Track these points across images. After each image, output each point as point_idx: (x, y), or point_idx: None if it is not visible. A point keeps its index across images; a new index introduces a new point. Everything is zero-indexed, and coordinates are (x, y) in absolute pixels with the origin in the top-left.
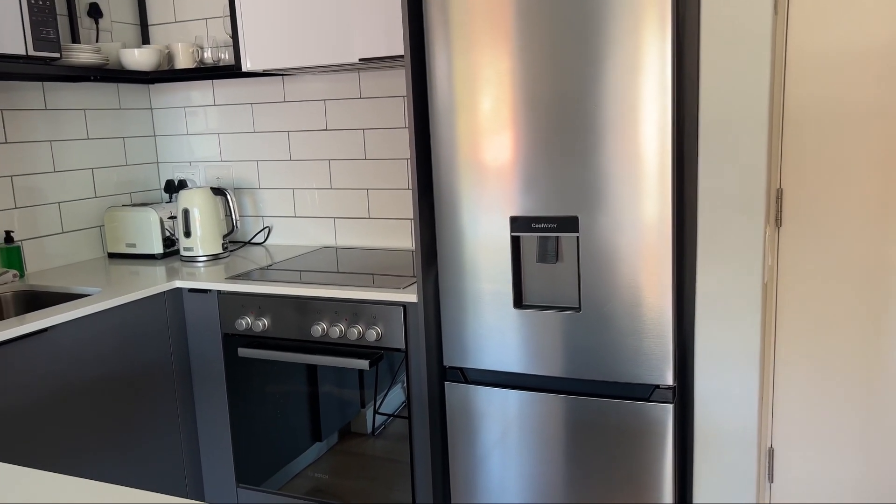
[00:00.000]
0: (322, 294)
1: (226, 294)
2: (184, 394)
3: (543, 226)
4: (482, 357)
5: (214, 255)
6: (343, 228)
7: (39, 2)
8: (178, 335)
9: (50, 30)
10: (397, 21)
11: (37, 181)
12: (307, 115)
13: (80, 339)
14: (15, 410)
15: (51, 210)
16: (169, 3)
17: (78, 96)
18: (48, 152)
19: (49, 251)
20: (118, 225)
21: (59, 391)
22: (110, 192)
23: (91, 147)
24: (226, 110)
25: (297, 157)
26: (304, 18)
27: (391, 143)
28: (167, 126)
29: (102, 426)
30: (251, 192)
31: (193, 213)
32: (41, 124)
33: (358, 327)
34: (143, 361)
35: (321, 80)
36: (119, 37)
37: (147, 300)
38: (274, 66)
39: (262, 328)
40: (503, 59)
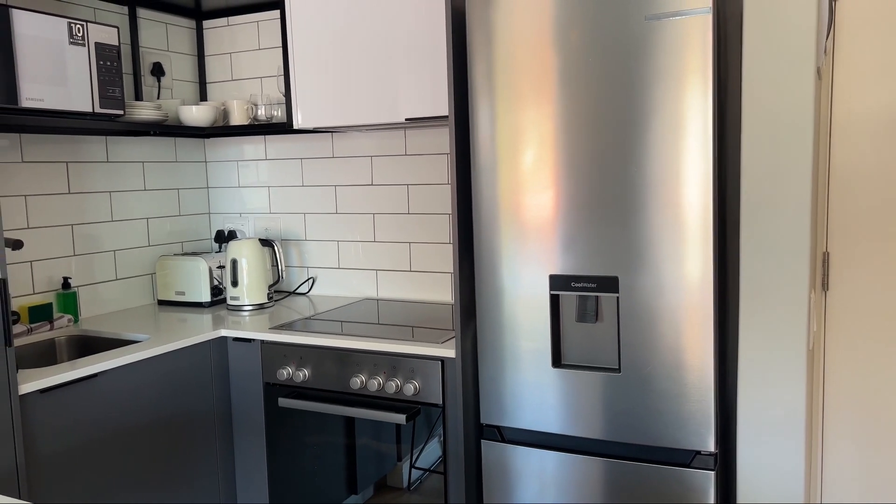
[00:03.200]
0: (362, 346)
1: (269, 344)
2: (224, 441)
3: (583, 285)
4: (520, 416)
5: (260, 305)
6: (385, 281)
7: (108, 63)
8: (222, 383)
9: (116, 88)
10: (441, 83)
11: (95, 230)
12: (354, 171)
13: (128, 384)
14: (63, 452)
15: (106, 258)
16: (226, 62)
17: (137, 149)
18: (107, 202)
19: (103, 297)
20: (169, 273)
21: (106, 435)
22: (163, 241)
23: (147, 198)
24: (276, 164)
25: (343, 210)
26: (353, 80)
27: (434, 198)
28: (220, 178)
29: (145, 470)
30: (297, 243)
31: (241, 263)
32: (102, 176)
33: (396, 381)
34: (187, 408)
35: (368, 137)
36: (179, 94)
37: (193, 348)
38: (324, 124)
39: (302, 378)
40: (545, 119)
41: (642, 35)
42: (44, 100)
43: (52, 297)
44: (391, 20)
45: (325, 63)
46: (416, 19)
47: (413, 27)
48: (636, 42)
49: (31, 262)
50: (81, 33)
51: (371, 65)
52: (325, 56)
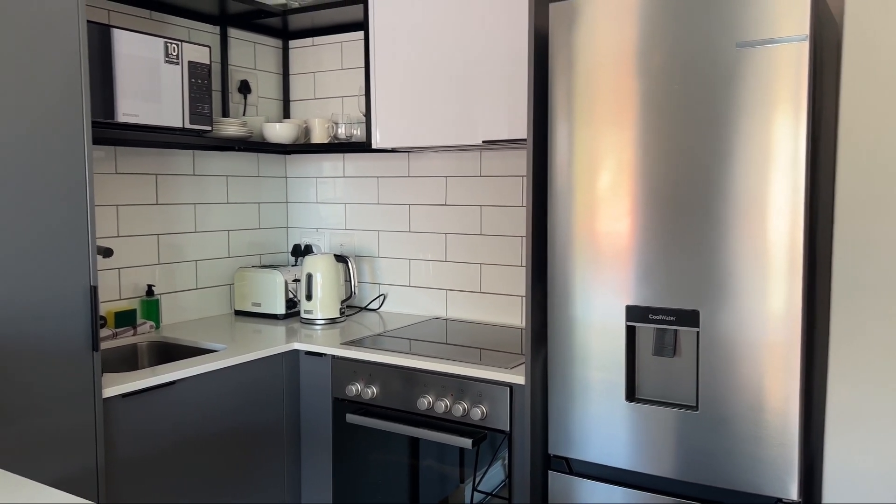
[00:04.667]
0: (430, 367)
1: (339, 359)
2: (292, 454)
3: (661, 317)
4: (589, 448)
5: (332, 319)
6: (454, 300)
7: (199, 80)
8: (292, 395)
9: (205, 105)
10: (518, 106)
11: (179, 240)
12: (428, 190)
13: (204, 392)
14: (140, 456)
15: (188, 267)
16: (310, 81)
17: (222, 164)
18: (192, 214)
19: (183, 305)
20: (246, 284)
21: (181, 441)
22: (242, 253)
23: (229, 210)
24: (353, 182)
25: (416, 229)
26: (432, 101)
27: (507, 220)
28: (299, 193)
29: (216, 477)
30: (370, 259)
31: (316, 277)
32: (188, 188)
33: (463, 404)
34: (259, 418)
35: (444, 157)
36: (264, 111)
37: (267, 360)
38: (402, 144)
39: (370, 396)
40: (625, 144)
41: (732, 62)
42: (138, 115)
43: (137, 303)
44: (471, 44)
45: (405, 84)
46: (496, 43)
47: (492, 51)
48: (725, 69)
49: (120, 269)
50: (176, 52)
51: (450, 87)
52: (405, 77)
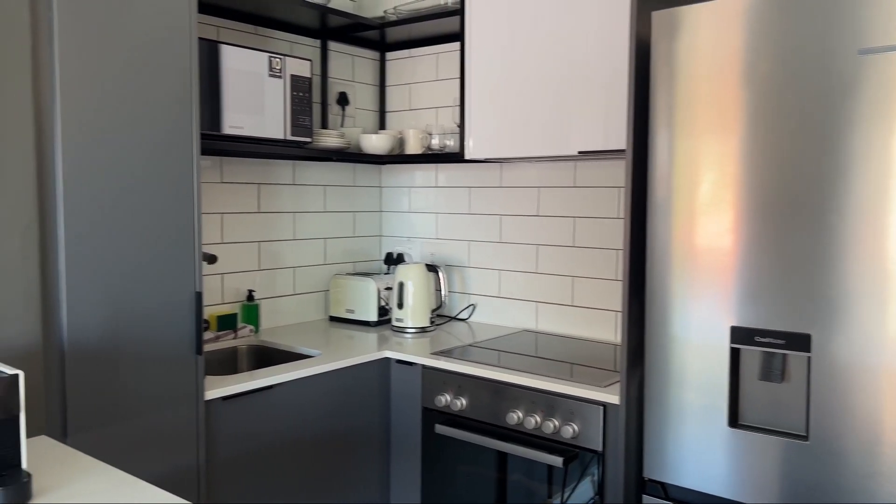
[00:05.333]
0: (520, 382)
1: (429, 369)
2: (382, 461)
3: (769, 340)
4: (686, 474)
5: (422, 328)
6: (545, 313)
7: (300, 93)
8: (383, 403)
9: (306, 117)
10: (615, 116)
11: (279, 247)
12: (520, 201)
13: (299, 397)
14: (237, 457)
15: (286, 273)
16: (406, 92)
17: (320, 173)
18: (291, 222)
19: (281, 310)
20: (341, 291)
21: (276, 444)
22: (337, 261)
23: (326, 219)
24: (445, 192)
25: (507, 239)
26: (526, 112)
27: (601, 232)
28: (392, 203)
29: (308, 481)
30: (460, 269)
31: (408, 286)
32: (288, 197)
33: (554, 421)
34: (350, 424)
35: (537, 168)
36: (361, 122)
37: (359, 367)
38: (495, 155)
39: (459, 407)
40: (730, 156)
41: (852, 70)
42: (243, 127)
43: (238, 307)
44: (567, 53)
45: (499, 95)
46: (593, 52)
47: (589, 60)
48: (844, 77)
49: (223, 274)
50: (279, 66)
51: (545, 97)
52: (500, 88)
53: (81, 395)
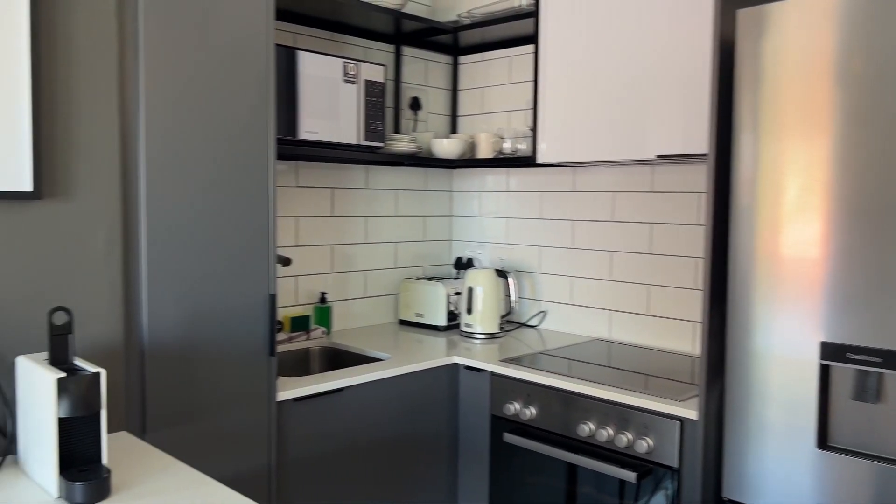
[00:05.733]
0: (592, 393)
1: (498, 376)
2: (450, 467)
3: (863, 358)
4: (768, 495)
5: (491, 334)
6: (619, 322)
7: (374, 98)
8: (451, 409)
9: (379, 122)
10: (695, 118)
11: (350, 250)
12: (594, 206)
13: (369, 400)
14: (308, 458)
15: (358, 276)
16: (478, 96)
17: (392, 178)
18: (363, 226)
19: (352, 312)
20: (411, 295)
21: (346, 446)
22: (407, 264)
23: (397, 223)
24: (516, 196)
25: (579, 245)
26: (601, 115)
27: (680, 239)
28: (462, 207)
29: (377, 484)
30: (530, 275)
31: (477, 291)
32: (361, 201)
33: (627, 435)
34: (419, 429)
35: (612, 171)
36: (433, 126)
37: (428, 371)
38: (568, 159)
39: (529, 416)
40: (819, 160)
41: None
42: (318, 132)
43: (311, 309)
44: (645, 55)
45: (574, 98)
46: (672, 53)
47: (668, 61)
48: None
49: (297, 276)
50: (354, 72)
51: (620, 100)
52: (574, 91)
53: (160, 393)
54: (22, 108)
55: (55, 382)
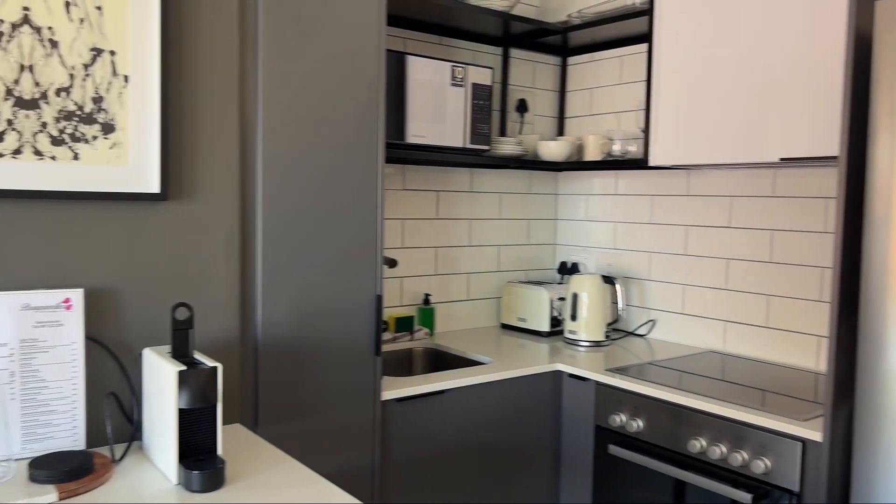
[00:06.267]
0: (704, 408)
1: (603, 386)
2: (552, 475)
3: None
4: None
5: (596, 342)
6: (735, 334)
7: (480, 102)
8: (554, 417)
9: (485, 125)
10: (824, 119)
11: (454, 253)
12: (709, 211)
13: (470, 403)
14: (409, 459)
15: (461, 279)
16: (586, 97)
17: (496, 181)
18: (467, 228)
19: (455, 315)
20: (513, 299)
21: (446, 448)
22: (510, 268)
23: (500, 226)
24: (625, 200)
25: (693, 252)
26: (718, 115)
27: (804, 247)
28: (568, 211)
29: (477, 488)
30: (639, 282)
31: (582, 297)
32: (465, 204)
33: (742, 454)
34: (519, 435)
35: (729, 175)
36: (539, 128)
37: (530, 378)
38: (682, 161)
39: (635, 429)
40: None
41: None
42: (425, 136)
43: (415, 310)
44: (768, 51)
45: (689, 97)
46: (798, 49)
47: (793, 58)
48: None
49: (402, 277)
50: (461, 75)
51: (741, 100)
52: (690, 90)
53: (271, 388)
54: (152, 116)
55: (176, 375)
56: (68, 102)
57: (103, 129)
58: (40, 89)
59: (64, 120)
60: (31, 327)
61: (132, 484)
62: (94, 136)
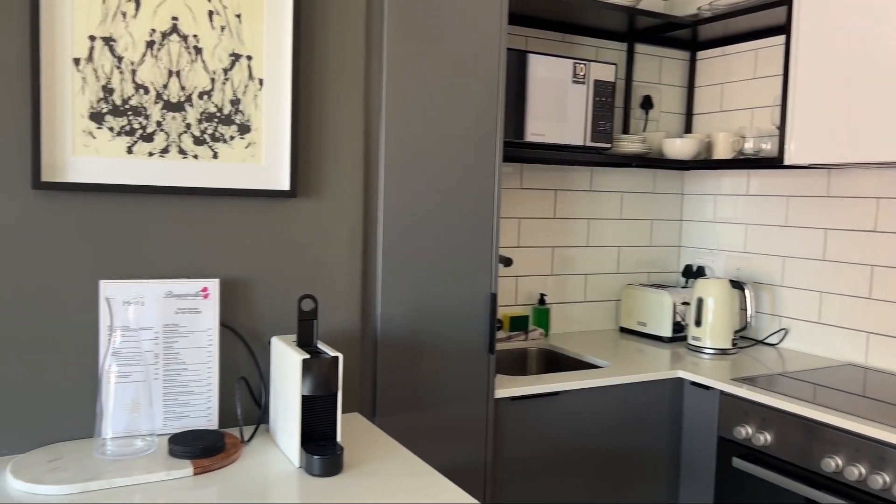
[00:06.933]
0: (842, 425)
1: (729, 396)
2: (670, 485)
3: None
4: None
5: (722, 350)
6: (879, 347)
7: (602, 99)
8: (673, 425)
9: (606, 123)
10: None
11: (571, 253)
12: (852, 213)
13: (584, 406)
14: (520, 458)
15: (577, 280)
16: (716, 93)
17: (618, 180)
18: (585, 229)
19: (570, 315)
20: (633, 302)
21: (558, 450)
22: (631, 270)
23: (621, 226)
24: (757, 201)
25: (833, 257)
26: (864, 111)
27: None
28: (694, 212)
29: (589, 493)
30: (771, 288)
31: (707, 302)
32: (584, 204)
33: (884, 476)
34: (636, 442)
35: (876, 175)
36: (664, 126)
37: (649, 384)
38: (824, 160)
39: (763, 442)
40: None
41: None
42: (544, 134)
43: (530, 310)
44: None
45: (832, 91)
46: None
47: None
48: None
49: (517, 277)
50: (583, 72)
51: (890, 94)
52: (833, 84)
53: (388, 380)
54: (284, 118)
55: (300, 363)
56: (209, 105)
57: (240, 129)
58: (185, 93)
59: (205, 121)
60: (173, 313)
61: (258, 464)
62: (232, 136)
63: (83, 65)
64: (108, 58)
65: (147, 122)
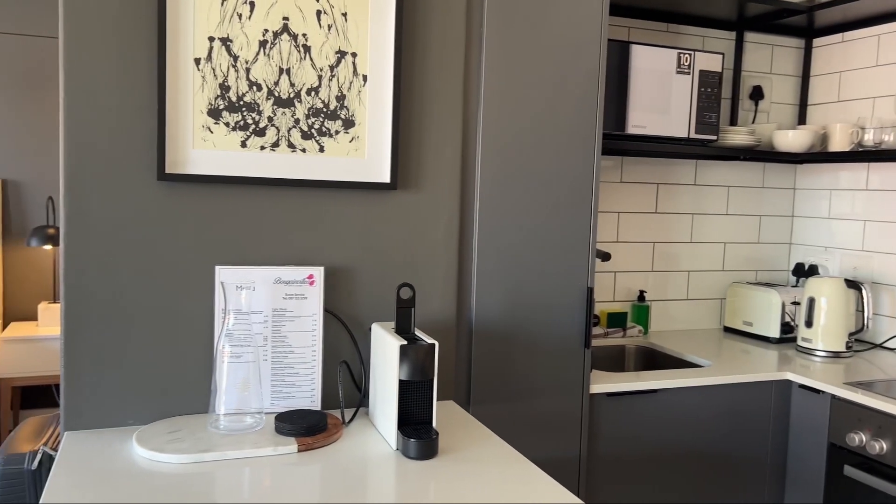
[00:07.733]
0: None
1: (841, 401)
2: (774, 492)
3: None
4: None
5: (835, 353)
6: None
7: (708, 89)
8: (779, 430)
9: (712, 114)
10: None
11: (674, 249)
12: None
13: (684, 406)
14: (615, 454)
15: (680, 277)
16: (833, 81)
17: (724, 173)
18: (689, 224)
19: (672, 314)
20: (739, 301)
21: (655, 448)
22: (737, 268)
23: (727, 222)
24: (878, 196)
25: None
26: None
27: None
28: (807, 207)
29: (687, 492)
30: (892, 289)
31: (820, 302)
32: (687, 198)
33: None
34: (739, 445)
35: None
36: (775, 118)
37: (754, 385)
38: None
39: (878, 451)
40: None
41: None
42: (646, 126)
43: (628, 307)
44: None
45: None
46: None
47: None
48: None
49: (615, 272)
50: (688, 62)
51: None
52: None
53: (483, 370)
54: (386, 113)
55: (398, 349)
56: (316, 101)
57: (344, 124)
58: (294, 89)
59: (312, 116)
60: (282, 298)
61: (358, 445)
62: (337, 130)
63: (203, 64)
64: (225, 57)
65: (259, 117)
